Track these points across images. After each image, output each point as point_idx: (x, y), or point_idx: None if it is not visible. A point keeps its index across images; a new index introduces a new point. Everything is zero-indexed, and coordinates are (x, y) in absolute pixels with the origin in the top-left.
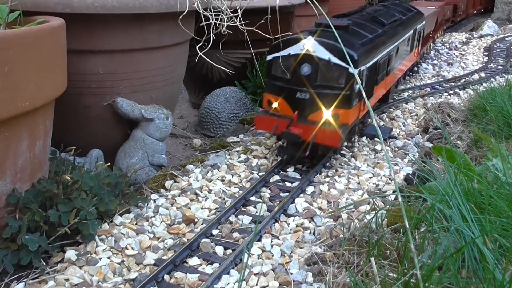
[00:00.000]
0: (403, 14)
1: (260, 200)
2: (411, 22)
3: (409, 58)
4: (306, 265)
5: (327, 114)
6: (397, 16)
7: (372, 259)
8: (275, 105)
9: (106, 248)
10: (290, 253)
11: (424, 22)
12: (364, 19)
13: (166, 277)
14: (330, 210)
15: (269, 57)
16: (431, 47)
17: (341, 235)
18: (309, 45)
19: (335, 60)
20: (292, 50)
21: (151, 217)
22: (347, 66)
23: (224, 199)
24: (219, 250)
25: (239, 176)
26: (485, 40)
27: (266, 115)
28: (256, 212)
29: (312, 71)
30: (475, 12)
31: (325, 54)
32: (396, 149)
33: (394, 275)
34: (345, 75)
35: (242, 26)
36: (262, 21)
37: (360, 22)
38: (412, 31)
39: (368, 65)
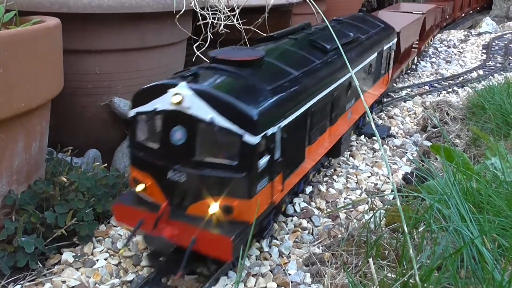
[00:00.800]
0: (363, 32)
1: None
2: (374, 42)
3: (373, 90)
4: (305, 265)
5: (213, 207)
6: (352, 36)
7: (371, 259)
8: (140, 187)
9: (103, 249)
10: (288, 254)
11: (395, 40)
12: (297, 45)
13: (163, 279)
14: (329, 210)
15: (131, 113)
16: (414, 61)
17: (340, 235)
18: (179, 97)
19: (221, 121)
20: (160, 103)
21: None
22: (240, 131)
23: None
24: None
25: None
26: (483, 38)
27: (129, 202)
28: None
29: (188, 139)
30: (463, 15)
31: (206, 112)
32: (395, 148)
33: (393, 275)
34: (239, 145)
35: (240, 25)
36: (259, 20)
37: (287, 50)
38: (376, 54)
39: (286, 122)
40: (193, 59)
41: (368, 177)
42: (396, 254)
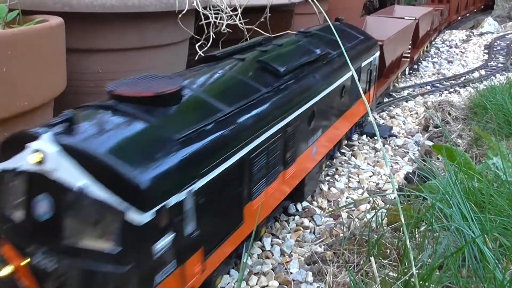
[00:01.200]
0: (336, 47)
1: None
2: (350, 58)
3: (350, 115)
4: (306, 264)
5: None
6: (318, 53)
7: (372, 258)
8: (6, 270)
9: None
10: (290, 253)
11: (377, 54)
12: (241, 68)
13: None
14: (330, 209)
15: None
16: (406, 72)
17: (341, 234)
18: (39, 155)
19: (95, 191)
20: (23, 161)
21: None
22: (121, 206)
23: None
24: None
25: None
26: (485, 38)
27: None
28: None
29: (55, 214)
30: (459, 18)
31: (76, 177)
32: (396, 147)
33: (394, 274)
34: (120, 226)
35: (242, 24)
36: (261, 19)
37: (224, 76)
38: (351, 72)
39: (203, 182)
40: (196, 59)
41: (370, 176)
42: (398, 253)
